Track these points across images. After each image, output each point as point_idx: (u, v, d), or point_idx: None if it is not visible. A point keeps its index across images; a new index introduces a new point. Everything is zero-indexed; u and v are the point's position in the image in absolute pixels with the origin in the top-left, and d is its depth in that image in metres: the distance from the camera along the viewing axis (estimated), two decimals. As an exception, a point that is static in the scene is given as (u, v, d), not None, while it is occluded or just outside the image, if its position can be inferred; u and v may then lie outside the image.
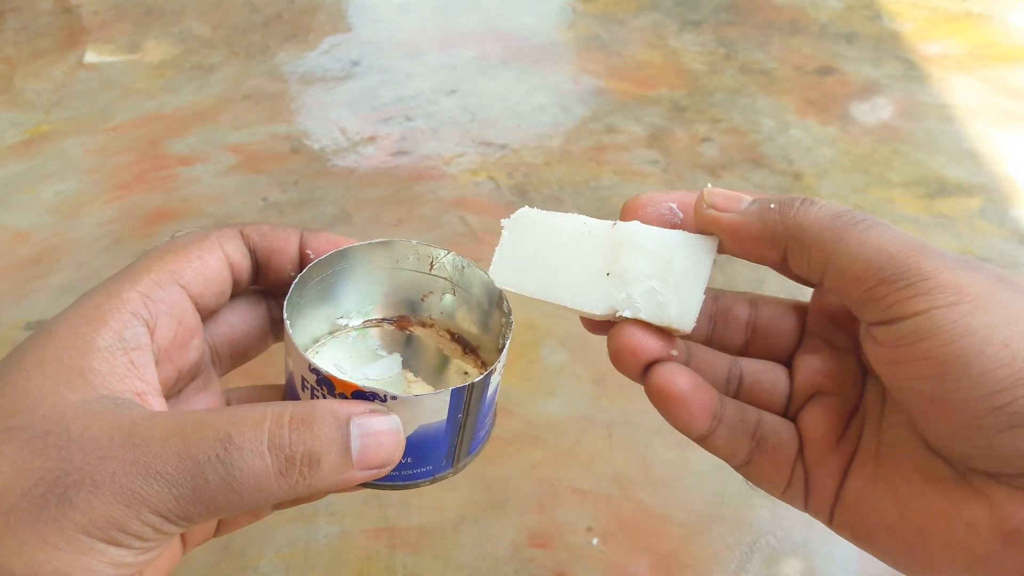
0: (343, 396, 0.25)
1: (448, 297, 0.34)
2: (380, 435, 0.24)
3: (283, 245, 0.30)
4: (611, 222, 0.29)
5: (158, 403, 0.25)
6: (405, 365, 0.33)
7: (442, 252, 0.33)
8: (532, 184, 0.89)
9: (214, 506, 0.22)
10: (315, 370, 0.26)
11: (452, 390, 0.26)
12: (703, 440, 0.29)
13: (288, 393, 0.30)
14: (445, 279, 0.33)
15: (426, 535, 0.56)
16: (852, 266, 0.23)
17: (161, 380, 0.26)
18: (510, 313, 0.31)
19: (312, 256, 0.30)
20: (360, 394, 0.25)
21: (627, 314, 0.28)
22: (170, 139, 1.00)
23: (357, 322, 0.34)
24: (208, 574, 0.54)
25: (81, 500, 0.21)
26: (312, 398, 0.26)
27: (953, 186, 0.86)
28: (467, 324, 0.34)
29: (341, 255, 0.31)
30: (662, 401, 0.28)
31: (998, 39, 1.11)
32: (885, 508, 0.26)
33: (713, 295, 0.31)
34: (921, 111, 0.98)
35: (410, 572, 0.54)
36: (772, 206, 0.26)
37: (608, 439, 0.62)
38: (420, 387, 0.32)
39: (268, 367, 0.34)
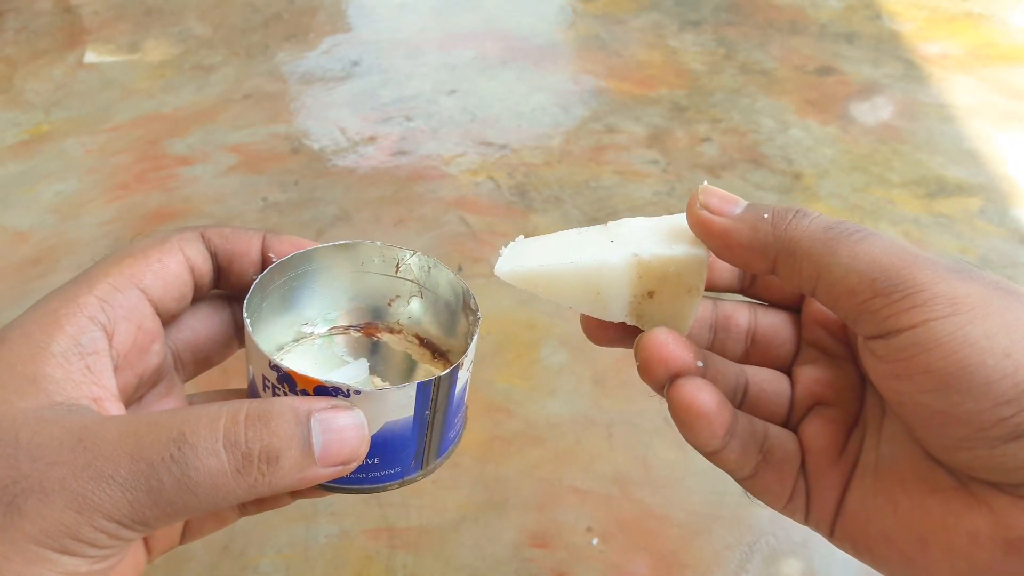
0: (305, 393, 0.25)
1: (415, 301, 0.33)
2: (343, 430, 0.24)
3: (245, 248, 0.29)
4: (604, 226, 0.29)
5: (116, 409, 0.25)
6: (372, 371, 0.32)
7: (408, 253, 0.32)
8: (532, 184, 0.89)
9: (171, 508, 0.21)
10: (275, 367, 0.25)
11: (418, 384, 0.25)
12: (714, 455, 0.28)
13: (250, 396, 0.29)
14: (412, 281, 0.32)
15: (426, 535, 0.56)
16: (845, 278, 0.23)
17: (121, 386, 0.26)
18: (477, 310, 0.30)
19: (274, 259, 0.29)
20: (323, 389, 0.24)
21: (629, 321, 0.28)
22: (170, 139, 1.00)
23: (322, 329, 0.33)
24: (208, 574, 0.54)
25: (30, 508, 0.20)
26: (274, 396, 0.26)
27: (953, 186, 0.86)
28: (435, 328, 0.33)
29: (304, 257, 0.30)
30: (686, 417, 0.27)
31: (998, 39, 1.11)
32: (886, 519, 0.25)
33: (713, 303, 0.31)
34: (921, 111, 0.98)
35: (410, 572, 0.54)
36: (765, 216, 0.25)
37: (608, 439, 0.62)
38: None
39: (237, 374, 0.34)
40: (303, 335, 0.33)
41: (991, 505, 0.22)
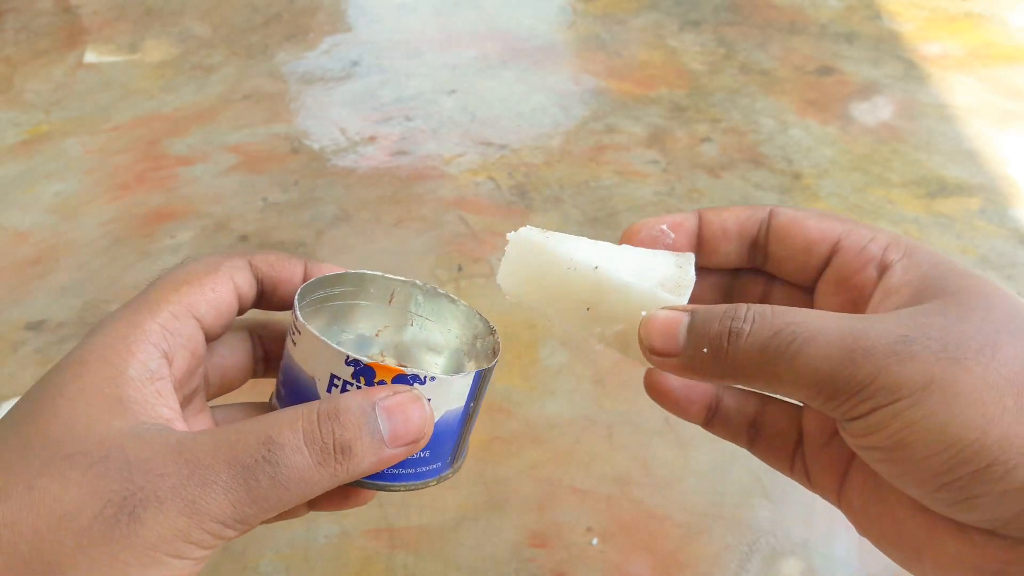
0: (382, 382, 0.27)
1: (409, 330, 0.34)
2: (407, 412, 0.26)
3: (289, 276, 0.31)
4: (594, 265, 0.29)
5: (182, 428, 0.26)
6: None
7: (416, 286, 0.33)
8: (532, 184, 0.89)
9: (267, 504, 0.24)
10: (354, 361, 0.27)
11: (476, 372, 0.28)
12: (705, 426, 0.31)
13: (301, 399, 0.30)
14: (412, 312, 0.33)
15: (426, 535, 0.56)
16: (795, 393, 0.25)
17: None
18: (495, 332, 0.31)
19: None
20: (401, 377, 0.26)
21: (608, 345, 0.30)
22: (170, 139, 1.00)
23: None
24: (209, 575, 0.54)
25: (149, 517, 0.22)
26: (344, 392, 0.27)
27: (953, 186, 0.86)
28: (422, 353, 0.34)
29: (337, 280, 0.32)
30: (655, 397, 0.31)
31: (998, 39, 1.11)
32: (885, 524, 0.27)
33: (730, 277, 0.33)
34: (921, 111, 0.98)
35: (410, 572, 0.54)
36: (704, 351, 0.26)
37: (608, 439, 0.62)
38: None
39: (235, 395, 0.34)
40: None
41: (971, 537, 0.24)
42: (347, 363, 0.27)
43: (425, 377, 0.26)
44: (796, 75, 1.05)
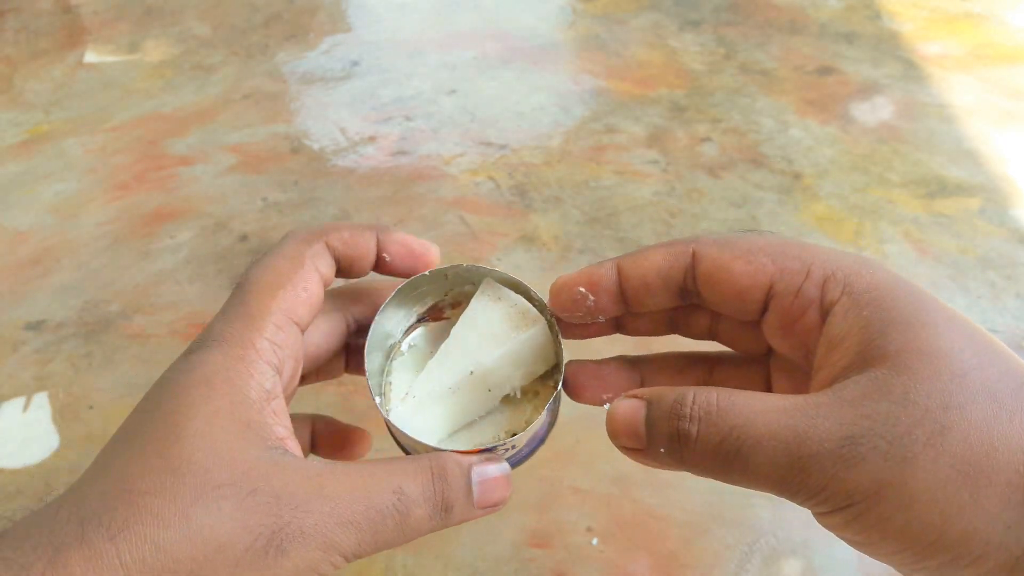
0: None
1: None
2: (495, 481, 0.29)
3: (364, 251, 0.32)
4: (469, 370, 0.31)
5: (294, 445, 0.28)
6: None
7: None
8: (532, 184, 0.89)
9: (382, 545, 0.26)
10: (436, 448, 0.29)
11: (547, 406, 0.31)
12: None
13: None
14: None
15: (426, 535, 0.56)
16: (757, 488, 0.25)
17: None
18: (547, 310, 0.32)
19: (387, 259, 0.32)
20: (486, 450, 0.30)
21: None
22: (170, 139, 1.00)
23: (399, 336, 0.34)
24: None
25: (293, 551, 0.24)
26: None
27: (953, 186, 0.86)
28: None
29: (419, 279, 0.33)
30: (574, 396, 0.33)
31: (998, 39, 1.11)
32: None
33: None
34: (921, 111, 0.98)
35: (410, 572, 0.54)
36: (661, 450, 0.26)
37: (608, 439, 0.62)
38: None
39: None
40: (392, 349, 0.34)
41: None
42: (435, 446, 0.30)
43: (507, 445, 0.30)
44: (796, 75, 1.05)
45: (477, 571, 0.54)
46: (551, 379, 0.33)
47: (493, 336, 0.31)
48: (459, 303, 0.34)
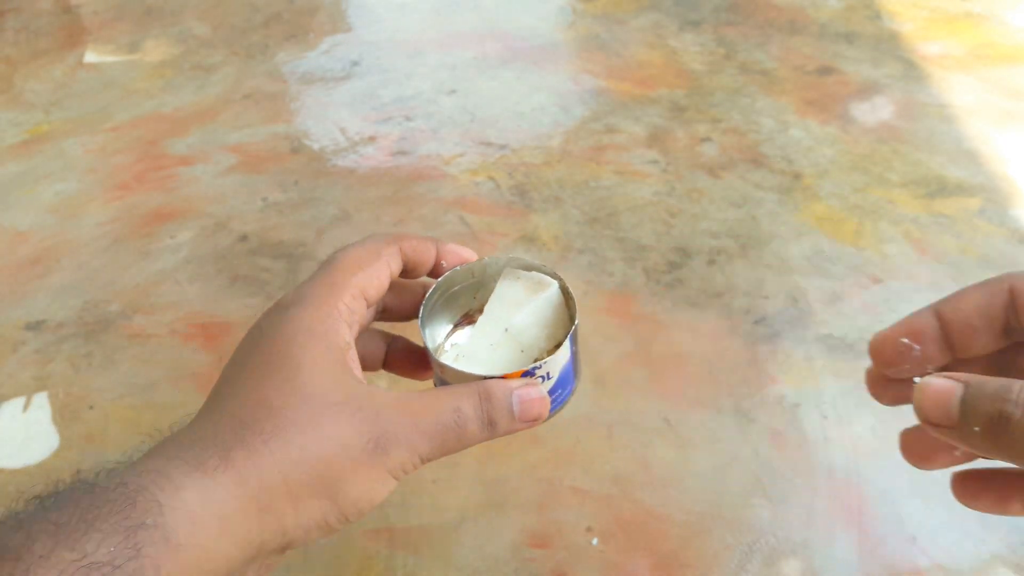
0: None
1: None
2: (532, 400, 0.35)
3: (427, 257, 0.39)
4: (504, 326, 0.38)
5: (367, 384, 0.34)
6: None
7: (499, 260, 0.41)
8: (532, 184, 0.89)
9: (445, 451, 0.33)
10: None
11: (569, 335, 0.36)
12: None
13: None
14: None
15: (426, 535, 0.56)
16: None
17: None
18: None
19: (444, 266, 0.40)
20: (527, 372, 0.35)
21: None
22: (170, 139, 1.00)
23: (442, 339, 0.41)
24: (208, 574, 0.54)
25: (392, 451, 0.31)
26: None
27: (953, 186, 0.86)
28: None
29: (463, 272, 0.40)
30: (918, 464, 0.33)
31: (998, 39, 1.11)
32: None
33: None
34: (921, 111, 0.98)
35: (410, 572, 0.54)
36: (976, 429, 0.26)
37: (608, 439, 0.62)
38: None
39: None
40: (436, 350, 0.40)
41: None
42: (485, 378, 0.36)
43: (540, 363, 0.35)
44: (796, 75, 1.05)
45: (477, 571, 0.54)
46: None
47: (518, 303, 0.38)
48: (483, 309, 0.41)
